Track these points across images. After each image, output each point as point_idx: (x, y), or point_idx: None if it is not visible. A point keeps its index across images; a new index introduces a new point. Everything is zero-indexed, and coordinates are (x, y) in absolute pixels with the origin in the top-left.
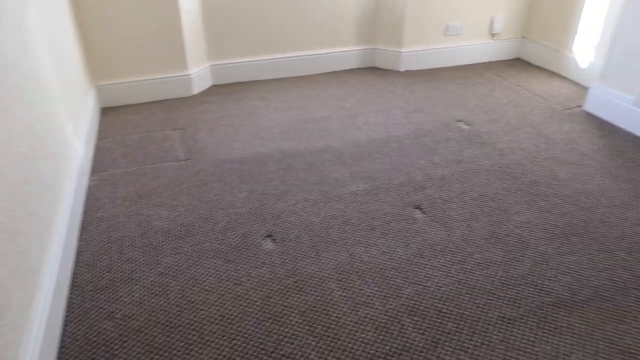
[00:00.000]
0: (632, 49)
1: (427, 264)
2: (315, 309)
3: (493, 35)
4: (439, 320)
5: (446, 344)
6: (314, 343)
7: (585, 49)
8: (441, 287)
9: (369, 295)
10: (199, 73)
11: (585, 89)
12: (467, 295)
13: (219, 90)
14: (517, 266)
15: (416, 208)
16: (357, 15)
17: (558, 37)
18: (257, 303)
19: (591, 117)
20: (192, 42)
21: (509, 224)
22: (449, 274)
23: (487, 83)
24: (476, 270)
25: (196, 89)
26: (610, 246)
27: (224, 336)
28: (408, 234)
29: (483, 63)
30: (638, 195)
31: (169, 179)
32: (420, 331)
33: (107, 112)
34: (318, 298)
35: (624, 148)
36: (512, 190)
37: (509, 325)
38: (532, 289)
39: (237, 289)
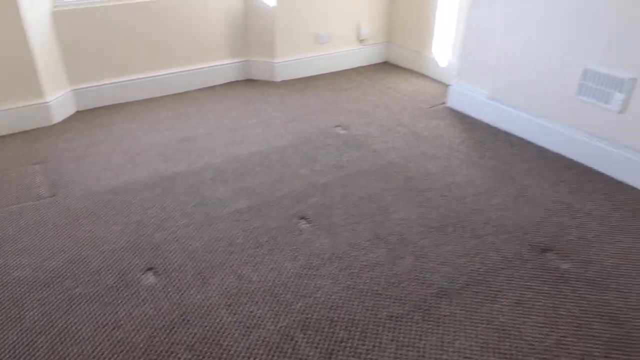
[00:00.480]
0: (481, 48)
1: (315, 274)
2: (204, 341)
3: (361, 41)
4: (331, 330)
5: (340, 353)
6: None
7: (443, 50)
8: (331, 295)
9: (259, 317)
10: (58, 100)
11: (446, 86)
12: (357, 300)
13: (85, 116)
14: (400, 263)
15: (301, 218)
16: (227, 29)
17: (418, 40)
18: (141, 345)
19: (454, 112)
20: (47, 67)
21: (389, 222)
22: (338, 281)
23: (359, 87)
24: (363, 274)
25: (57, 117)
26: (480, 232)
27: None
28: (295, 247)
29: (354, 68)
30: (499, 181)
31: (30, 220)
32: (314, 345)
33: None
34: (207, 328)
35: (483, 139)
36: (390, 189)
37: (397, 323)
38: (415, 284)
39: (117, 334)
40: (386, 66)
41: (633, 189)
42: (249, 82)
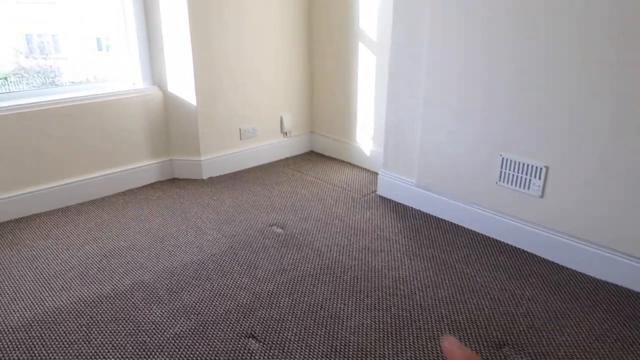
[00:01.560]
0: (403, 139)
1: None
2: None
3: (285, 133)
4: None
5: None
6: None
7: (366, 139)
8: None
9: None
10: None
11: (375, 174)
12: None
13: None
14: None
15: (250, 337)
16: (147, 128)
17: (341, 130)
18: None
19: (385, 200)
20: None
21: (344, 332)
22: None
23: (289, 180)
24: None
25: None
26: (436, 331)
27: None
28: None
29: (281, 160)
30: (441, 272)
31: None
32: None
33: None
34: None
35: (418, 227)
36: (338, 292)
37: None
38: None
39: None
40: (312, 156)
41: (564, 268)
42: (174, 182)
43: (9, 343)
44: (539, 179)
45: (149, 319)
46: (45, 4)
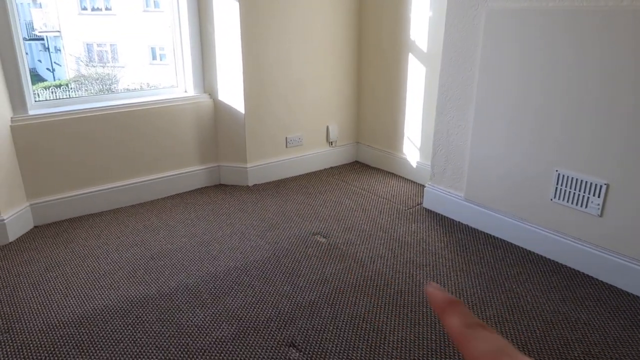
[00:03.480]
0: (452, 152)
1: None
2: None
3: (330, 142)
4: None
5: None
6: None
7: (412, 151)
8: None
9: None
10: (15, 216)
11: (421, 186)
12: None
13: (44, 232)
14: None
15: (291, 346)
16: (197, 135)
17: (387, 141)
18: None
19: (431, 214)
20: (3, 182)
21: (386, 346)
22: None
23: (333, 190)
24: None
25: (12, 235)
26: None
27: None
28: None
29: (325, 169)
30: (490, 290)
31: None
32: None
33: None
34: None
35: (465, 242)
36: (381, 305)
37: None
38: None
39: None
40: (357, 166)
41: (625, 293)
42: (220, 187)
43: (60, 338)
44: (598, 197)
45: (192, 322)
46: (105, 15)
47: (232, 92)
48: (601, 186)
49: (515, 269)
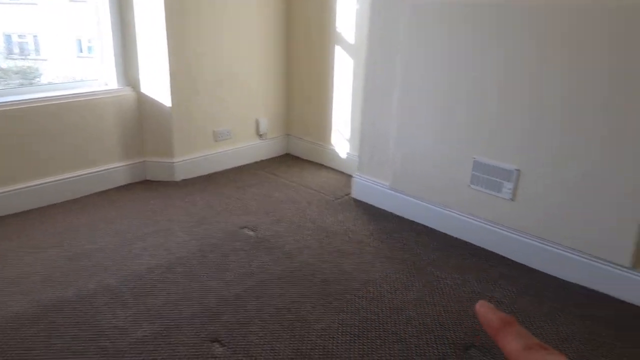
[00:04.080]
0: (378, 142)
1: None
2: None
3: (260, 135)
4: None
5: None
6: None
7: (342, 142)
8: None
9: None
10: None
11: (350, 176)
12: None
13: None
14: None
15: (214, 341)
16: (120, 130)
17: (317, 133)
18: None
19: (359, 203)
20: None
21: (311, 335)
22: None
23: (263, 183)
24: None
25: None
26: (403, 334)
27: None
28: None
29: (256, 162)
30: (412, 274)
31: None
32: None
33: None
34: None
35: (390, 229)
36: (307, 295)
37: None
38: None
39: None
40: (288, 158)
41: (534, 270)
42: (146, 184)
43: None
44: (510, 182)
45: (112, 323)
46: (26, 4)
47: (157, 84)
48: (512, 172)
49: (436, 253)
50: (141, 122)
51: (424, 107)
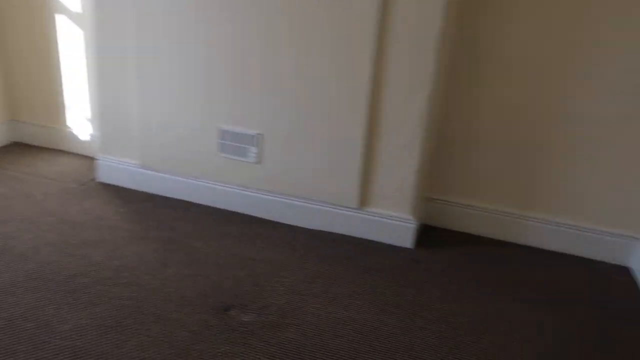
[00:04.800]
0: (120, 119)
1: None
2: None
3: None
4: None
5: None
6: None
7: (81, 122)
8: None
9: None
10: None
11: (94, 160)
12: None
13: None
14: None
15: None
16: None
17: (49, 115)
18: None
19: (108, 187)
20: None
21: (55, 339)
22: None
23: None
24: None
25: None
26: (162, 312)
27: None
28: None
29: None
30: (169, 250)
31: None
32: None
33: None
34: None
35: (144, 210)
36: (49, 296)
37: None
38: None
39: None
40: (16, 147)
41: (282, 225)
42: None
43: None
44: (255, 146)
45: None
46: None
47: None
48: (254, 136)
49: (192, 225)
50: None
51: (166, 78)
